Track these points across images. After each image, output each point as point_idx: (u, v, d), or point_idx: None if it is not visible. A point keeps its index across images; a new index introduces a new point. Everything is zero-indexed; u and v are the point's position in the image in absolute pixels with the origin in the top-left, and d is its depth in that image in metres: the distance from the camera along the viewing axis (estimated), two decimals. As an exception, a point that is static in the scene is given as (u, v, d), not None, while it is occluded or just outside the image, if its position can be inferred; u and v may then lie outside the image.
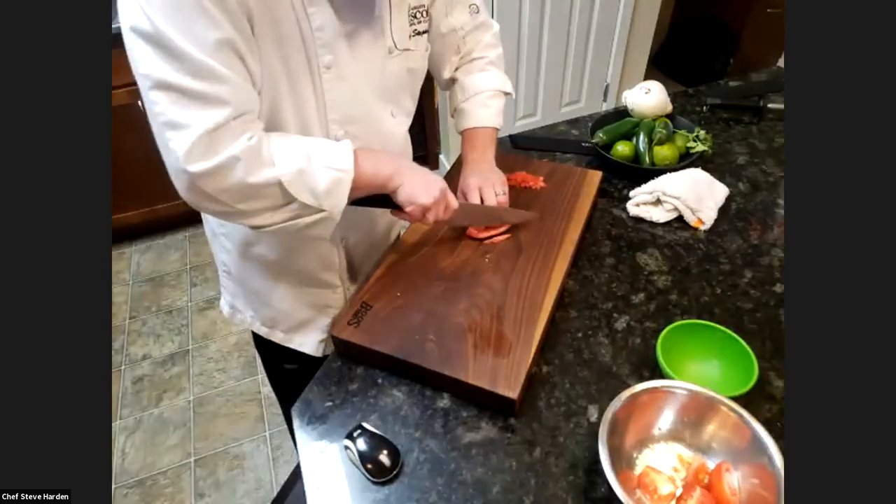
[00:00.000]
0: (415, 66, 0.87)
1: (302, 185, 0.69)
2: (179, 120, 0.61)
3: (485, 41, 1.01)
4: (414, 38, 0.84)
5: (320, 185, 0.70)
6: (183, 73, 0.60)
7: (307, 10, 0.69)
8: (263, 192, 0.68)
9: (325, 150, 0.71)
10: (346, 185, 0.72)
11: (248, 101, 0.66)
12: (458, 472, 0.70)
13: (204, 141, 0.62)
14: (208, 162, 0.63)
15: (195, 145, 0.62)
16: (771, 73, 1.65)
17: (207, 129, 0.62)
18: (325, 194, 0.71)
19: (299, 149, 0.70)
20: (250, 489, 1.67)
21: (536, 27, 2.34)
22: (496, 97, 1.02)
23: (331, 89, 0.76)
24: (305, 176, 0.69)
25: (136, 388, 1.97)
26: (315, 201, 0.71)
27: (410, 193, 0.79)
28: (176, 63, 0.59)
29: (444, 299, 0.86)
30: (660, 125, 1.24)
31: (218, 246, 0.99)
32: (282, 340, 1.03)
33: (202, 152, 0.62)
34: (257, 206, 0.69)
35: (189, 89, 0.60)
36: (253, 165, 0.66)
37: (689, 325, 0.81)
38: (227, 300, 1.08)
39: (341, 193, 0.72)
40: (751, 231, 1.07)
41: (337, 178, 0.71)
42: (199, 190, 0.65)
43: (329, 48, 0.73)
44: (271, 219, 0.71)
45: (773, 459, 0.62)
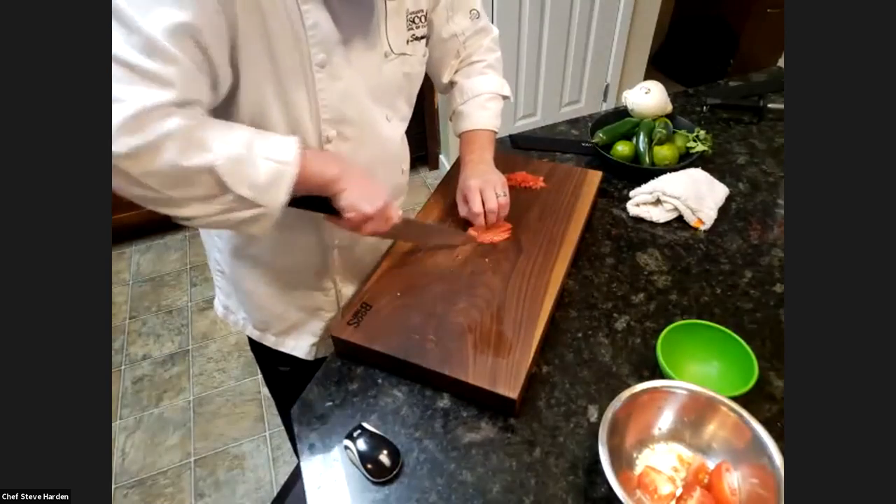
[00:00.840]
0: (411, 71, 0.87)
1: (239, 176, 0.64)
2: (119, 94, 0.57)
3: (484, 45, 1.02)
4: (412, 44, 0.84)
5: (260, 176, 0.65)
6: (132, 46, 0.57)
7: (301, 7, 0.68)
8: (195, 178, 0.63)
9: (270, 141, 0.67)
10: (287, 180, 0.67)
11: (196, 90, 0.63)
12: (458, 472, 0.70)
13: (135, 120, 0.57)
14: (134, 139, 0.57)
15: (126, 121, 0.57)
16: (771, 73, 1.65)
17: (144, 106, 0.57)
18: (263, 187, 0.66)
19: (240, 136, 0.66)
20: (250, 489, 1.67)
21: (536, 27, 2.34)
22: (494, 100, 1.03)
23: (323, 88, 0.75)
24: (244, 165, 0.64)
25: (136, 388, 1.97)
26: (252, 194, 0.66)
27: (354, 200, 0.75)
28: (129, 36, 0.57)
29: (444, 299, 0.86)
30: (660, 125, 1.24)
31: (211, 245, 0.98)
32: (273, 344, 1.03)
33: (131, 129, 0.57)
34: (187, 194, 0.64)
35: (136, 65, 0.57)
36: (186, 147, 0.61)
37: (689, 325, 0.81)
38: (220, 300, 1.08)
39: (282, 188, 0.67)
40: (751, 231, 1.07)
41: (278, 170, 0.66)
42: (123, 173, 0.59)
43: (322, 47, 0.72)
44: (202, 210, 0.66)
45: (773, 459, 0.62)
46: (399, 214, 0.83)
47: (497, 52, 1.04)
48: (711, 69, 3.19)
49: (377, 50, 0.79)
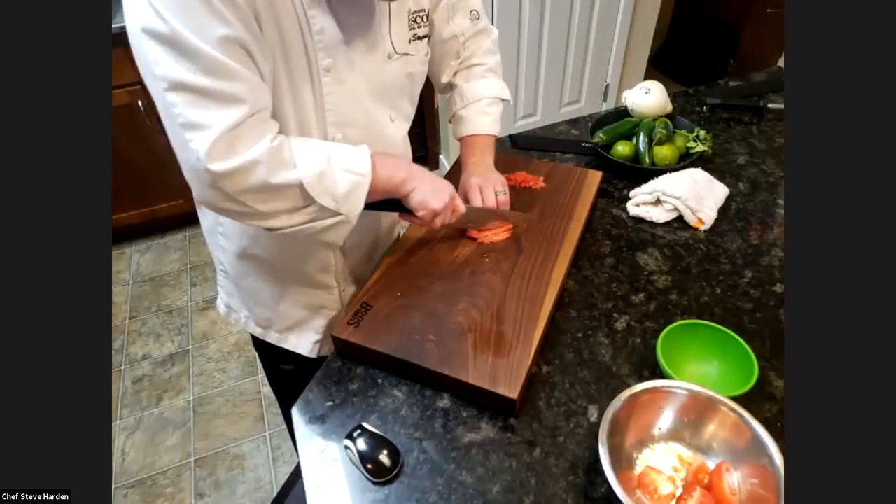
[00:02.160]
0: (414, 70, 0.87)
1: (322, 188, 0.70)
2: (198, 120, 0.61)
3: (484, 47, 1.02)
4: (414, 43, 0.85)
5: (340, 188, 0.71)
6: (198, 72, 0.59)
7: (307, 13, 0.69)
8: (284, 193, 0.69)
9: (345, 153, 0.72)
10: (363, 189, 0.73)
11: (262, 98, 0.67)
12: (458, 472, 0.70)
13: (225, 140, 0.62)
14: (230, 162, 0.63)
15: (216, 144, 0.61)
16: (771, 73, 1.65)
17: (227, 127, 0.62)
18: (343, 197, 0.72)
19: (319, 152, 0.71)
20: (250, 489, 1.67)
21: (536, 27, 2.34)
22: (494, 104, 1.03)
23: (330, 92, 0.76)
24: (326, 179, 0.70)
25: (136, 388, 1.97)
26: (334, 204, 0.71)
27: (423, 198, 0.81)
28: (190, 63, 0.59)
29: (444, 299, 0.86)
30: (660, 125, 1.24)
31: (215, 245, 0.99)
32: (276, 341, 1.03)
33: (224, 152, 0.62)
34: (276, 207, 0.70)
35: (205, 88, 0.60)
36: (274, 166, 0.66)
37: (689, 325, 0.81)
38: (223, 299, 1.09)
39: (359, 197, 0.73)
40: (751, 231, 1.07)
41: (355, 181, 0.72)
42: (220, 190, 0.65)
43: (328, 52, 0.73)
44: (289, 221, 0.72)
45: (773, 459, 0.62)
46: (464, 206, 0.89)
47: (497, 56, 1.05)
48: (711, 69, 3.19)
49: (379, 51, 0.80)
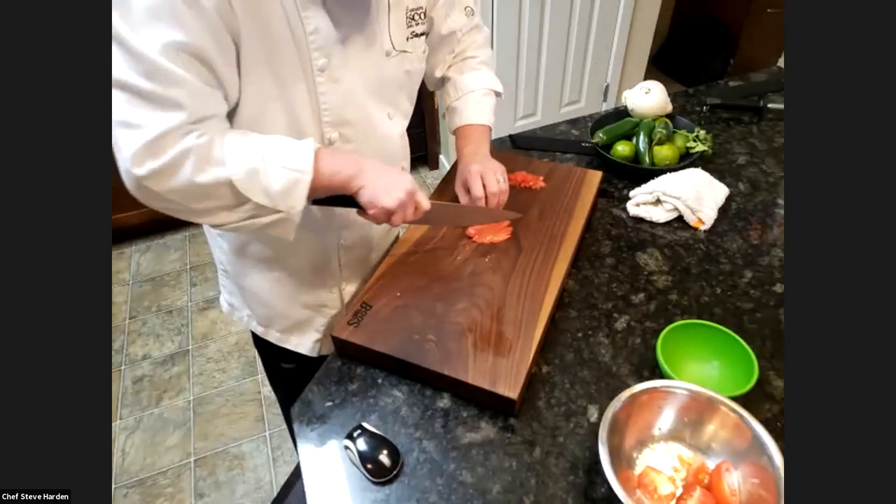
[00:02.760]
0: (411, 68, 0.87)
1: (254, 185, 0.67)
2: (131, 120, 0.60)
3: (478, 42, 1.03)
4: (412, 41, 0.84)
5: (274, 185, 0.68)
6: (138, 72, 0.59)
7: (301, 13, 0.68)
8: (214, 191, 0.67)
9: (283, 149, 0.69)
10: (303, 186, 0.69)
11: (210, 106, 0.65)
12: (458, 472, 0.70)
13: (152, 144, 0.61)
14: (154, 162, 0.62)
15: (143, 146, 0.61)
16: (771, 73, 1.65)
17: (160, 131, 0.61)
18: (280, 195, 0.69)
19: (254, 148, 0.68)
20: (250, 489, 1.67)
21: (536, 27, 2.34)
22: (488, 96, 1.03)
23: (325, 92, 0.75)
24: (259, 175, 0.67)
25: (136, 388, 1.97)
26: (269, 202, 0.69)
27: (373, 196, 0.76)
28: (132, 62, 0.59)
29: (444, 299, 0.86)
30: (660, 125, 1.24)
31: (215, 244, 0.99)
32: (277, 340, 1.03)
33: (149, 153, 0.61)
34: (211, 205, 0.68)
35: (143, 90, 0.59)
36: (201, 164, 0.64)
37: (689, 325, 0.81)
38: (225, 297, 1.09)
39: (298, 194, 0.70)
40: (751, 231, 1.07)
41: (293, 178, 0.69)
42: (146, 189, 0.64)
43: (323, 51, 0.72)
44: (227, 218, 0.70)
45: (773, 459, 0.62)
46: (428, 202, 0.82)
47: (489, 50, 1.06)
48: (711, 69, 3.19)
49: (376, 48, 0.79)
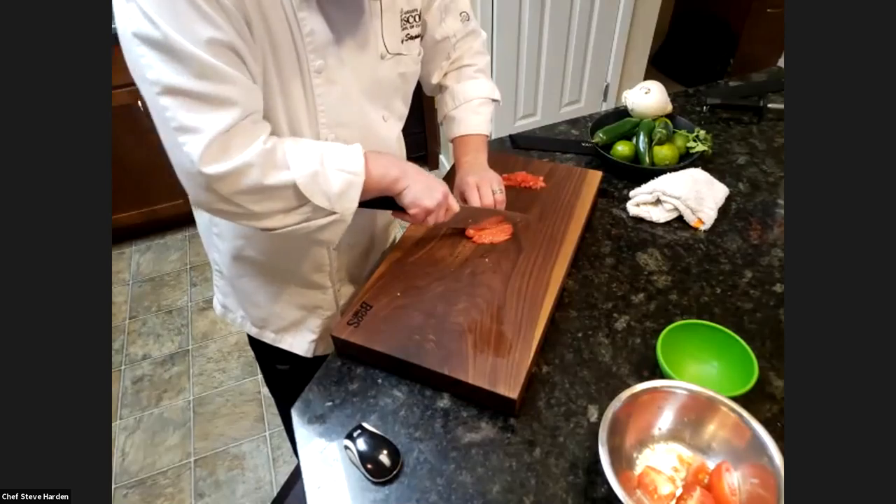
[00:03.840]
0: (406, 70, 0.87)
1: (316, 188, 0.70)
2: (191, 124, 0.61)
3: (474, 48, 1.03)
4: (406, 43, 0.84)
5: (333, 187, 0.71)
6: (190, 76, 0.60)
7: (297, 14, 0.69)
8: (278, 194, 0.69)
9: (338, 153, 0.73)
10: (357, 188, 0.73)
11: (255, 100, 0.67)
12: (458, 472, 0.70)
13: (218, 143, 0.63)
14: (224, 165, 0.64)
15: (209, 148, 0.62)
16: (771, 73, 1.65)
17: (220, 130, 0.62)
18: (337, 197, 0.72)
19: (312, 152, 0.71)
20: (250, 489, 1.67)
21: (536, 27, 2.34)
22: (485, 104, 1.04)
23: (321, 94, 0.76)
24: (319, 178, 0.70)
25: (136, 388, 1.97)
26: (328, 204, 0.72)
27: (415, 196, 0.81)
28: (182, 66, 0.59)
29: (444, 299, 0.86)
30: (660, 125, 1.24)
31: (210, 245, 0.99)
32: (272, 341, 1.03)
33: (217, 155, 0.63)
34: (271, 207, 0.70)
35: (197, 92, 0.61)
36: (268, 168, 0.67)
37: (689, 325, 0.81)
38: (219, 299, 1.09)
39: (353, 196, 0.73)
40: (751, 231, 1.07)
41: (349, 180, 0.72)
42: (214, 192, 0.66)
43: (319, 53, 0.73)
44: (283, 221, 0.72)
45: (773, 459, 0.62)
46: (458, 205, 0.89)
47: (487, 57, 1.06)
48: (711, 69, 3.19)
49: (371, 51, 0.80)
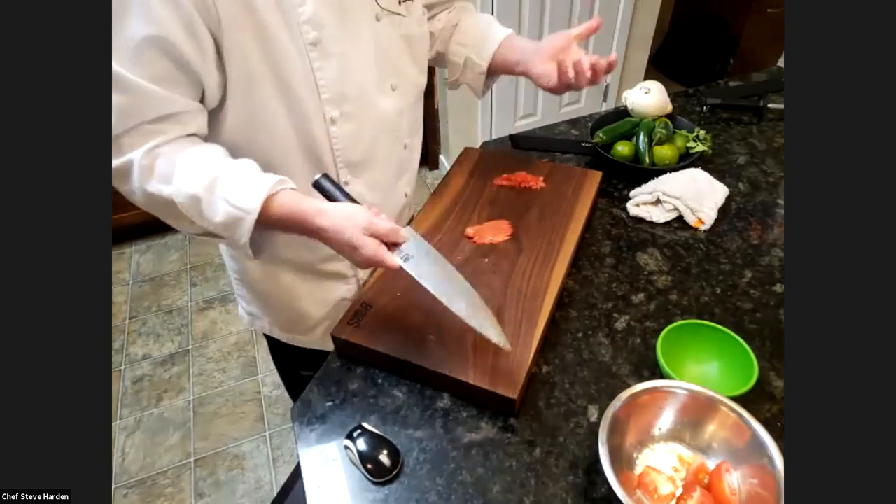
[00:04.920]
0: (409, 32, 0.84)
1: (196, 212, 0.67)
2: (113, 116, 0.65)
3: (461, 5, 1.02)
4: (405, 4, 0.82)
5: (216, 217, 0.66)
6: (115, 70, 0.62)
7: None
8: (164, 205, 0.68)
9: (234, 182, 0.66)
10: (246, 225, 0.66)
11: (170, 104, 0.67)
12: (458, 472, 0.70)
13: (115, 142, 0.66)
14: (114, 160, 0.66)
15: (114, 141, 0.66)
16: (771, 73, 1.65)
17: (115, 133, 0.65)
18: (222, 227, 0.67)
19: (205, 175, 0.66)
20: (250, 489, 1.67)
21: (536, 27, 2.34)
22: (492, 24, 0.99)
23: (320, 67, 0.73)
24: (201, 204, 0.66)
25: (136, 388, 1.97)
26: (213, 229, 0.68)
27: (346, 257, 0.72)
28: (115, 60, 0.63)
29: (444, 299, 0.86)
30: (660, 125, 1.24)
31: (226, 252, 0.98)
32: (303, 343, 1.02)
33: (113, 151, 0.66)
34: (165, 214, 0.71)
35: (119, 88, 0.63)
36: (149, 176, 0.67)
37: (689, 325, 0.81)
38: (244, 308, 1.07)
39: (242, 230, 0.67)
40: (751, 231, 1.07)
41: (236, 215, 0.66)
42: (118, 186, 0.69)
43: (312, 24, 0.70)
44: (189, 229, 0.72)
45: (773, 459, 0.62)
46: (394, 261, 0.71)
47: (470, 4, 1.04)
48: (711, 69, 3.19)
49: (367, 14, 0.77)
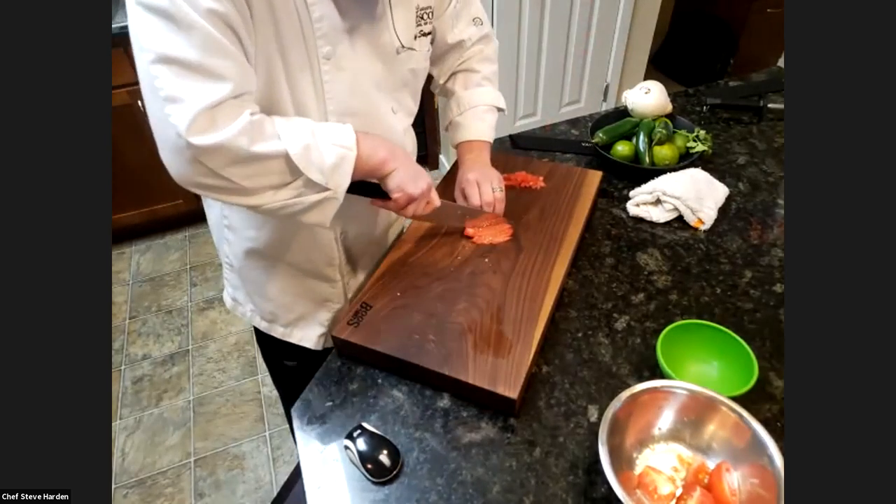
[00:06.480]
0: (416, 66, 0.88)
1: (308, 160, 0.69)
2: (180, 94, 0.59)
3: (485, 53, 1.04)
4: (419, 39, 0.85)
5: (326, 160, 0.70)
6: (188, 45, 0.58)
7: (307, 0, 0.69)
8: (269, 166, 0.67)
9: (329, 128, 0.72)
10: (350, 162, 0.72)
11: (248, 80, 0.66)
12: (458, 472, 0.70)
13: (205, 115, 0.60)
14: (212, 136, 0.61)
15: (196, 120, 0.60)
16: (771, 73, 1.65)
17: (209, 104, 0.60)
18: (331, 170, 0.70)
19: (303, 126, 0.70)
20: (250, 489, 1.67)
21: (536, 27, 2.34)
22: (490, 112, 1.05)
23: (330, 80, 0.76)
24: (311, 151, 0.69)
25: (136, 388, 1.97)
26: (321, 178, 0.70)
27: (401, 181, 0.79)
28: (182, 35, 0.58)
29: (444, 299, 0.86)
30: (660, 125, 1.24)
31: (220, 238, 0.99)
32: (282, 335, 1.04)
33: (205, 126, 0.61)
34: (261, 182, 0.68)
35: (193, 62, 0.59)
36: (257, 137, 0.65)
37: (689, 325, 0.81)
38: (229, 292, 1.10)
39: (346, 170, 0.72)
40: (751, 231, 1.07)
41: (342, 154, 0.71)
42: (202, 164, 0.63)
43: (328, 39, 0.73)
44: (274, 197, 0.70)
45: (773, 459, 0.62)
46: (439, 200, 0.88)
47: (495, 66, 1.07)
48: (711, 69, 3.19)
49: (383, 42, 0.80)
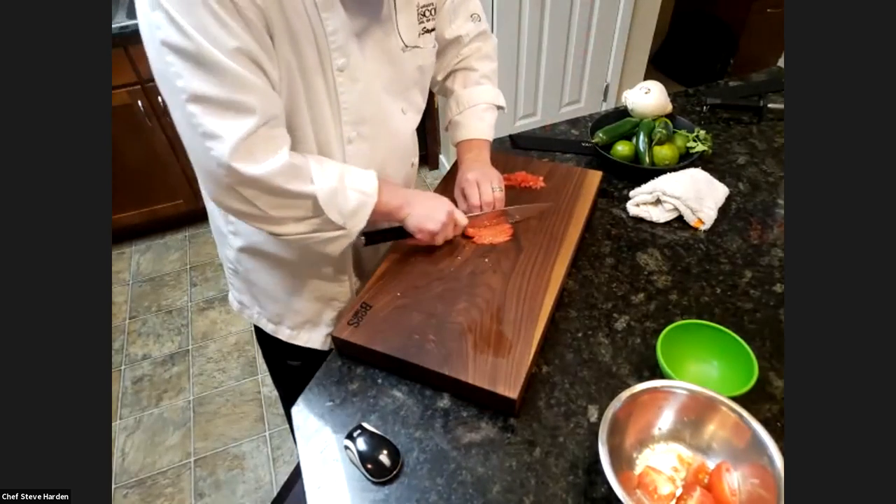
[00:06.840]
0: (424, 63, 0.89)
1: (332, 204, 0.75)
2: (216, 130, 0.64)
3: (483, 51, 1.04)
4: (423, 36, 0.86)
5: (348, 205, 0.77)
6: (216, 84, 0.62)
7: (321, 14, 0.70)
8: (297, 202, 0.73)
9: (355, 174, 0.79)
10: (368, 208, 0.79)
11: (273, 106, 0.69)
12: (458, 472, 0.70)
13: (242, 147, 0.66)
14: (252, 168, 0.67)
15: (236, 151, 0.65)
16: (771, 73, 1.65)
17: (242, 136, 0.65)
18: (350, 214, 0.77)
19: (333, 170, 0.76)
20: (250, 489, 1.67)
21: (536, 27, 2.34)
22: (490, 111, 1.06)
23: (344, 91, 0.77)
24: (337, 195, 0.75)
25: (136, 388, 1.97)
26: (340, 220, 0.77)
27: (418, 221, 0.87)
28: (210, 75, 0.62)
29: (444, 299, 0.86)
30: (660, 125, 1.24)
31: (224, 243, 0.99)
32: (288, 338, 1.04)
33: (244, 157, 0.66)
34: (287, 214, 0.74)
35: (223, 100, 0.63)
36: (292, 177, 0.71)
37: (689, 325, 0.81)
38: (234, 296, 1.09)
39: (363, 215, 0.79)
40: (751, 231, 1.07)
41: (363, 200, 0.78)
42: (237, 193, 0.69)
43: (342, 51, 0.74)
44: (295, 228, 0.76)
45: (773, 459, 0.62)
46: (465, 218, 0.94)
47: (494, 63, 1.07)
48: (711, 69, 3.19)
49: (391, 45, 0.81)
